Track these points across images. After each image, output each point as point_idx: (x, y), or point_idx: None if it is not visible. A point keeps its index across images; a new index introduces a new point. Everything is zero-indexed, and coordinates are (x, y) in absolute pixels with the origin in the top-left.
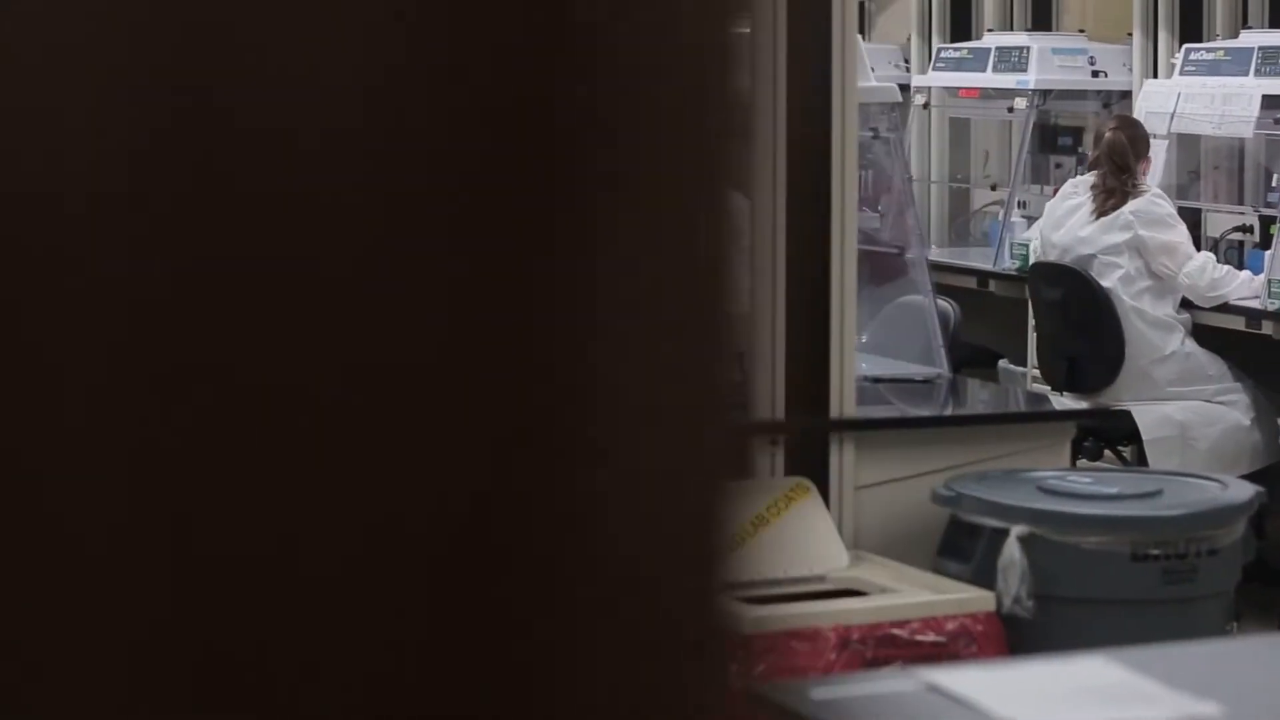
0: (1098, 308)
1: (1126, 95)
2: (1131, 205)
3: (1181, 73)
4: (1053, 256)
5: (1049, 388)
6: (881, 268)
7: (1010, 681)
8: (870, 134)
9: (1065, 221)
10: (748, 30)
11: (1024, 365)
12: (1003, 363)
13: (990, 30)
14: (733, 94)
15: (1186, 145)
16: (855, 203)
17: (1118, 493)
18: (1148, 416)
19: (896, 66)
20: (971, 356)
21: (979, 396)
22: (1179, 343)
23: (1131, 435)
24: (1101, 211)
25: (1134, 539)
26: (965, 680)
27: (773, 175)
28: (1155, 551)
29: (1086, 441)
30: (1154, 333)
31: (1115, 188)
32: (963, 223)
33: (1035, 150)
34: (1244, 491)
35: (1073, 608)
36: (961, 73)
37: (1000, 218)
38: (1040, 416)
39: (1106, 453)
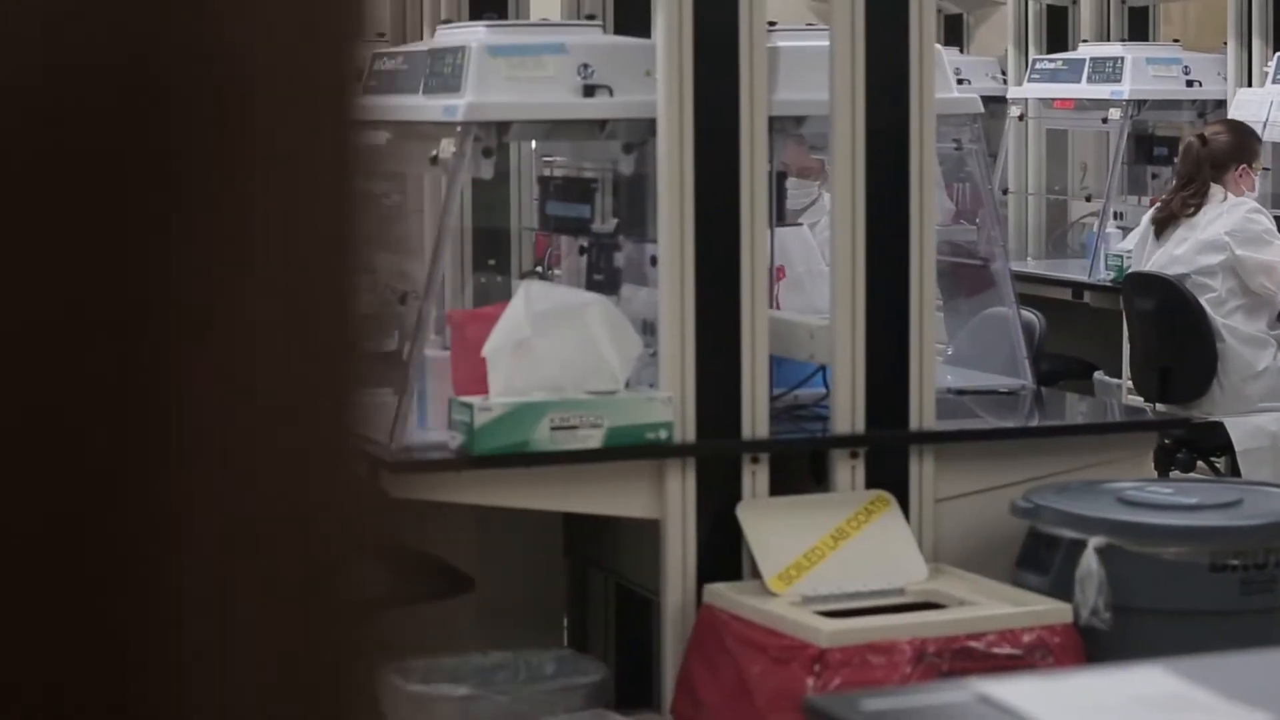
0: (1191, 319)
1: (1222, 104)
2: (1225, 224)
3: (1274, 80)
4: (1149, 268)
5: (1142, 399)
6: (967, 280)
7: (1063, 692)
8: (953, 145)
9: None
10: (825, 42)
11: (1119, 377)
12: (1098, 374)
13: (1085, 41)
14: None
15: None
16: (934, 214)
17: (1197, 503)
18: (1240, 428)
19: (994, 78)
20: (1066, 368)
21: (1062, 408)
22: (1272, 358)
23: (1224, 447)
24: (1158, 224)
25: (1213, 549)
26: (1017, 691)
27: (851, 186)
28: (1234, 562)
29: (1179, 453)
30: (1247, 350)
31: (1188, 197)
32: (1060, 234)
33: (1131, 161)
34: None
35: (1151, 619)
36: (1056, 84)
37: (1095, 229)
38: (1121, 427)
39: (1200, 464)
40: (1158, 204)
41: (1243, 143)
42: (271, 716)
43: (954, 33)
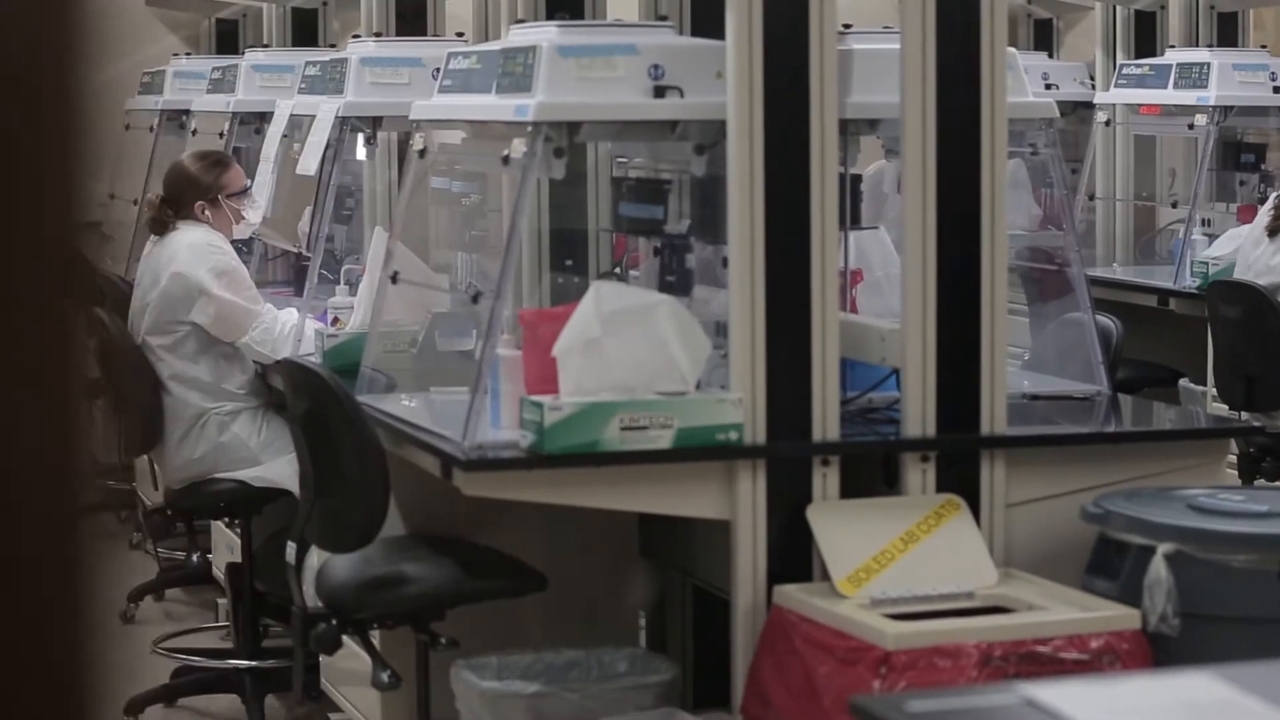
0: (1278, 327)
1: None
2: None
3: None
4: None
5: (1227, 407)
6: (1045, 285)
7: (1111, 697)
8: (1029, 150)
9: (1256, 243)
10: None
11: (1204, 384)
12: (1183, 381)
13: (1173, 46)
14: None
15: None
16: (1005, 218)
17: (1268, 510)
18: None
19: (1082, 83)
20: (1152, 375)
21: (1137, 415)
22: None
23: None
24: (1271, 230)
25: None
26: (1065, 695)
27: (922, 189)
28: None
29: (1265, 461)
30: None
31: None
32: (1147, 241)
33: (1219, 167)
34: None
35: (1220, 626)
36: (1143, 89)
37: (1181, 235)
38: (1194, 434)
39: None
40: (1274, 210)
41: None
42: None
43: (1044, 37)
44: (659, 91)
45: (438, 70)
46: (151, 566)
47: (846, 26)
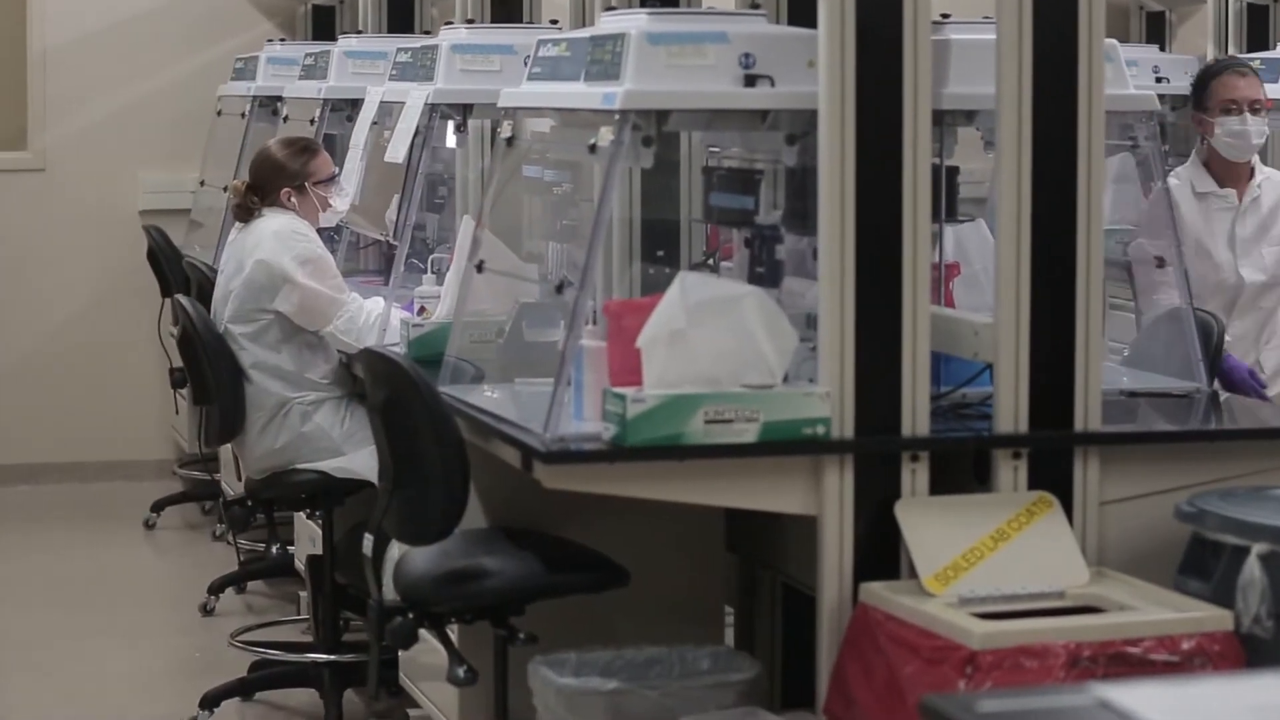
0: None
1: None
2: None
3: None
4: None
5: None
6: (1145, 281)
7: (1185, 698)
8: (1129, 143)
9: None
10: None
11: None
12: None
13: None
14: None
15: None
16: (1102, 211)
17: None
18: None
19: (1193, 77)
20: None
21: (1237, 413)
22: None
23: None
24: None
25: None
26: (1139, 696)
27: (1017, 182)
28: None
29: None
30: None
31: None
32: None
33: None
34: None
35: None
36: None
37: None
38: None
39: None
40: None
41: None
42: None
43: (1156, 30)
44: (749, 80)
45: (529, 58)
46: (233, 558)
47: (945, 16)
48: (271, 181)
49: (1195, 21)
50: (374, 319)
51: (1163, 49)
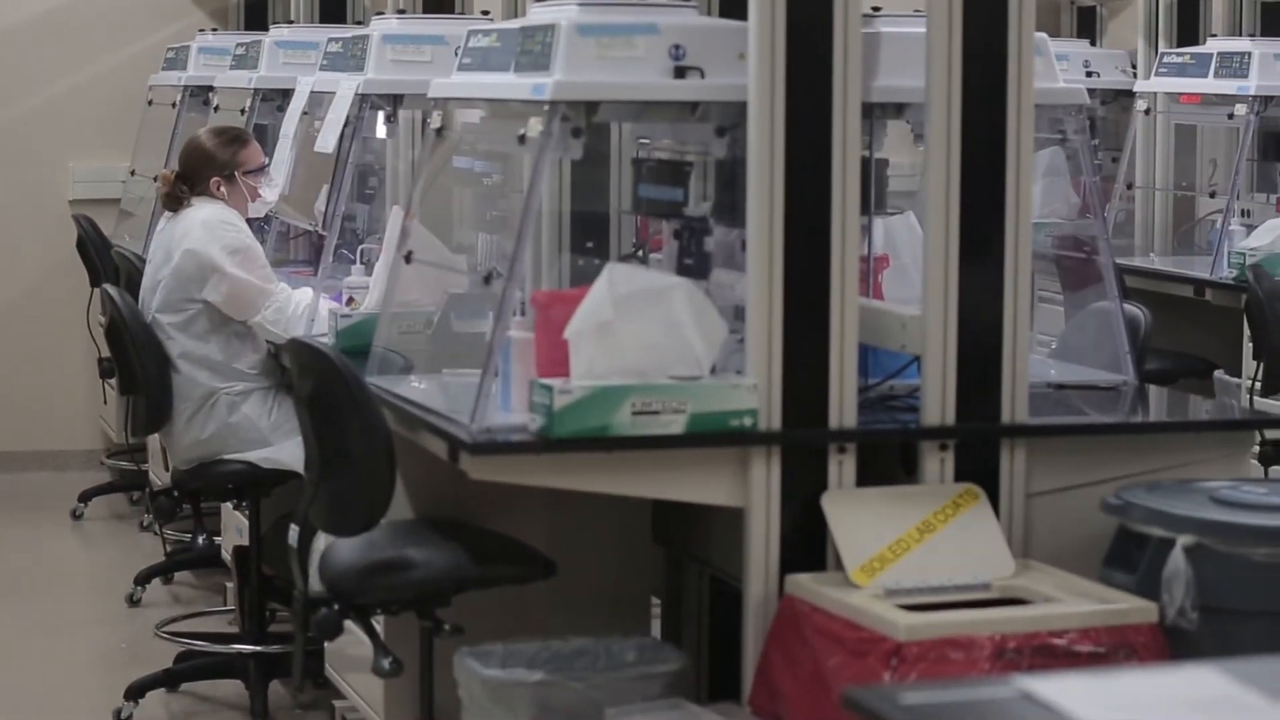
0: None
1: None
2: None
3: None
4: None
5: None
6: (1074, 274)
7: (1109, 691)
8: (1058, 137)
9: None
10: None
11: (1240, 375)
12: (1218, 373)
13: (1215, 35)
14: None
15: None
16: (1030, 205)
17: None
18: None
19: (1124, 71)
20: (1187, 366)
21: (1164, 405)
22: None
23: None
24: None
25: None
26: (1062, 688)
27: (946, 175)
28: None
29: None
30: None
31: None
32: (1186, 231)
33: (1259, 158)
34: None
35: (1239, 620)
36: (1183, 78)
37: (1219, 225)
38: (1216, 425)
39: None
40: None
41: None
42: None
43: (1086, 24)
44: (679, 72)
45: (459, 48)
46: (159, 549)
47: (875, 9)
48: (201, 171)
49: (1126, 16)
50: (302, 309)
51: (1093, 44)
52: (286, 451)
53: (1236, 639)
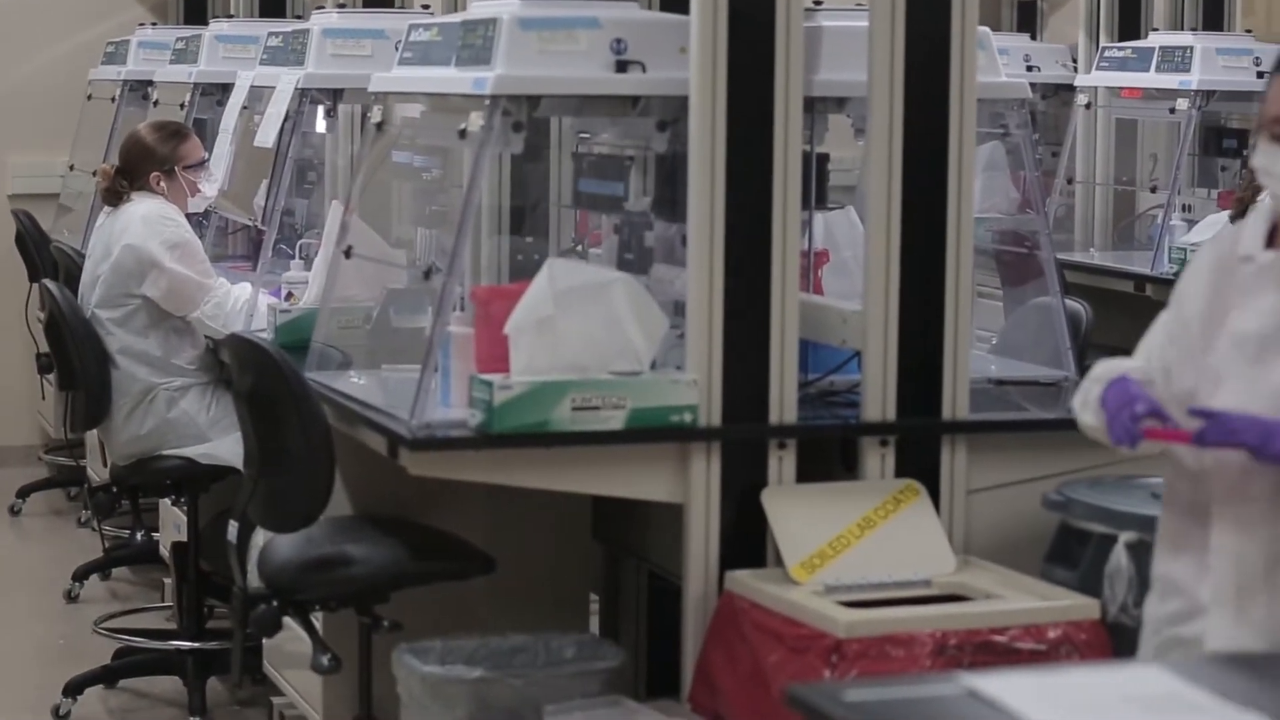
0: None
1: None
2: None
3: None
4: None
5: None
6: (1018, 269)
7: (1054, 688)
8: (1000, 131)
9: None
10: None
11: None
12: None
13: (1156, 30)
14: None
15: None
16: (973, 200)
17: None
18: None
19: (1064, 66)
20: None
21: None
22: None
23: None
24: (1233, 217)
25: None
26: (1007, 686)
27: (888, 170)
28: None
29: None
30: None
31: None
32: (1127, 226)
33: (1200, 153)
34: None
35: None
36: (1124, 73)
37: (1160, 220)
38: None
39: None
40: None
41: None
42: None
43: (1027, 19)
44: (621, 66)
45: (400, 42)
46: (98, 545)
47: (817, 3)
48: (140, 166)
49: (1067, 10)
50: (241, 304)
51: (1034, 38)
52: (225, 447)
53: None
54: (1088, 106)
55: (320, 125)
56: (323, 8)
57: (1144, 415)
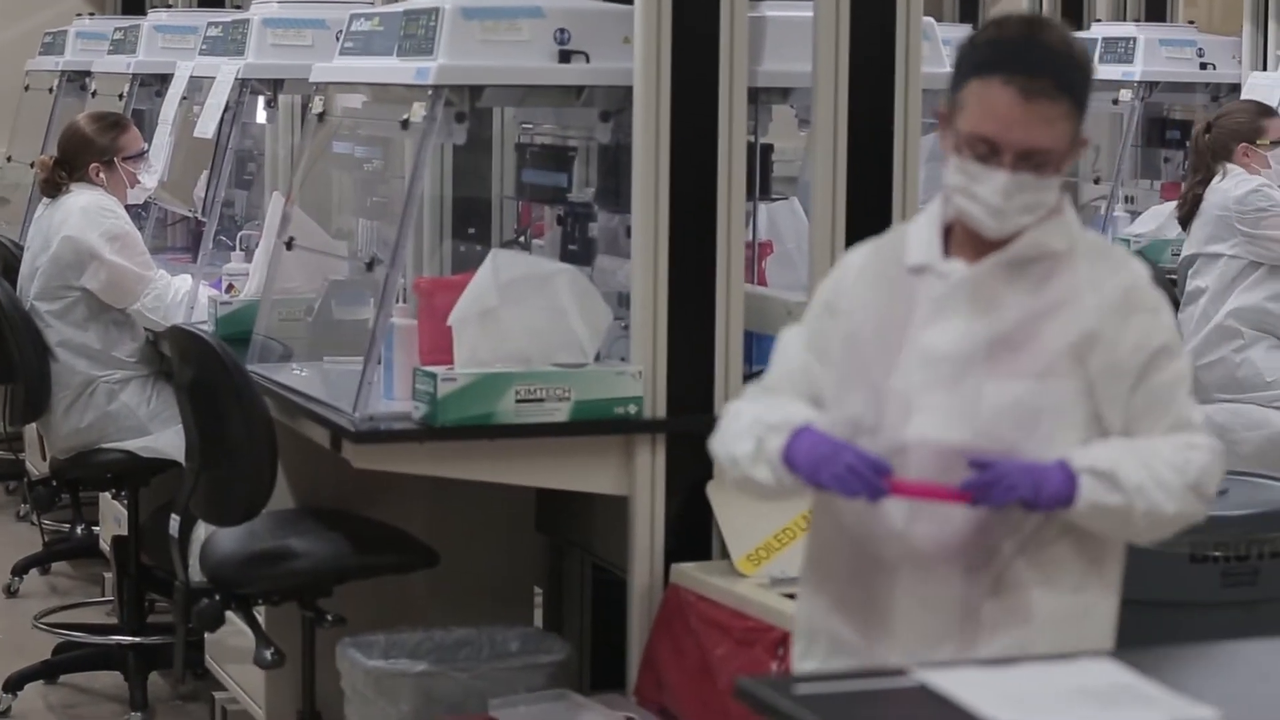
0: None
1: (1236, 88)
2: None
3: None
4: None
5: None
6: None
7: (1006, 682)
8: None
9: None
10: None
11: None
12: None
13: (1099, 21)
14: None
15: None
16: (918, 190)
17: None
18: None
19: None
20: None
21: None
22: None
23: None
24: (1182, 221)
25: (1193, 540)
26: (959, 680)
27: (833, 160)
28: (1215, 553)
29: None
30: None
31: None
32: None
33: (1143, 144)
34: None
35: (1130, 609)
36: None
37: (1104, 211)
38: None
39: None
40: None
41: (1246, 125)
42: None
43: (969, 10)
44: (564, 56)
45: (341, 32)
46: (37, 539)
47: None
48: (80, 157)
49: (1009, 1)
50: (181, 296)
51: (975, 28)
52: (166, 440)
53: (1128, 629)
54: None
55: (260, 116)
56: None
57: (882, 469)
